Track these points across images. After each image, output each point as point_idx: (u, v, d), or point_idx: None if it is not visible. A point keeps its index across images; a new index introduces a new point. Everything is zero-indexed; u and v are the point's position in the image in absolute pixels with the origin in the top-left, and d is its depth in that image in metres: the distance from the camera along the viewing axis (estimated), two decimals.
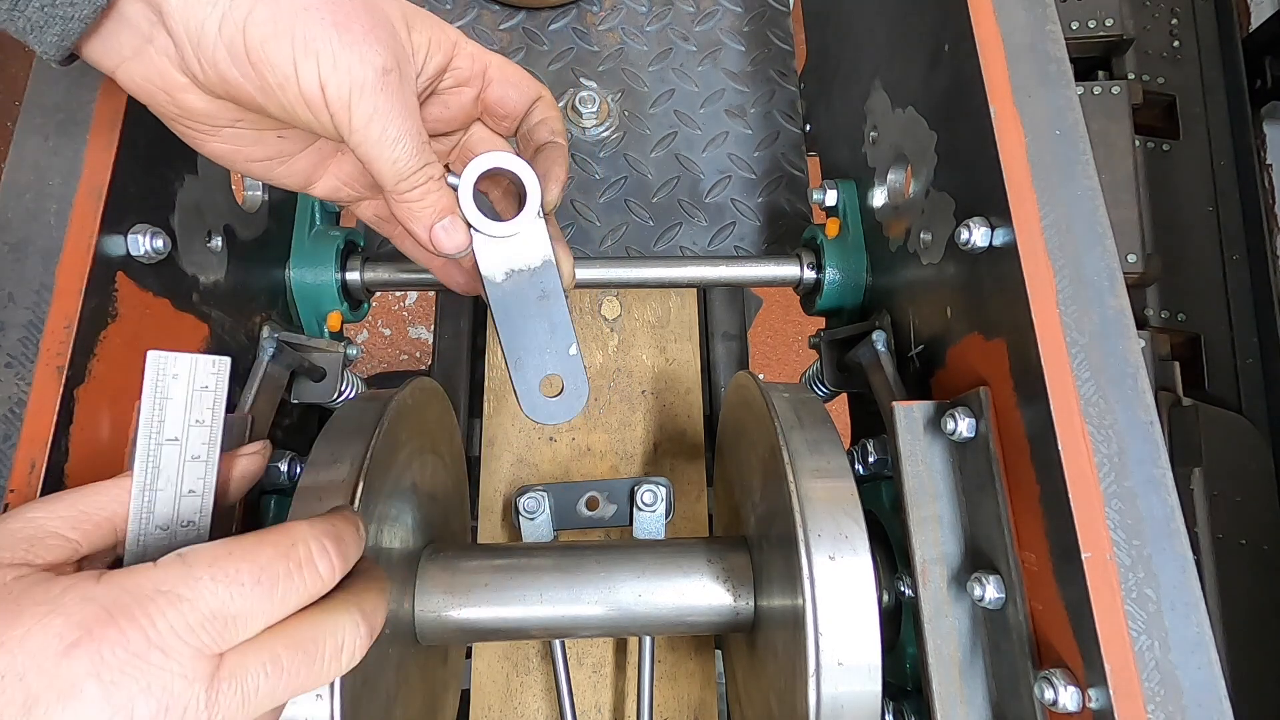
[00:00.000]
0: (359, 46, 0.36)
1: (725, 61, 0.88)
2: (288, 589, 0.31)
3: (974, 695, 0.44)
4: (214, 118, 0.40)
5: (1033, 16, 0.49)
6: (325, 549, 0.33)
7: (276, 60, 0.35)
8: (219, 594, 0.29)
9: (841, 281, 0.68)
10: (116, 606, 0.28)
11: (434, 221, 0.42)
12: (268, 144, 0.43)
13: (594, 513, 0.69)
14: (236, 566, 0.30)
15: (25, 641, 0.27)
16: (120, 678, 0.27)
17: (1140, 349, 0.42)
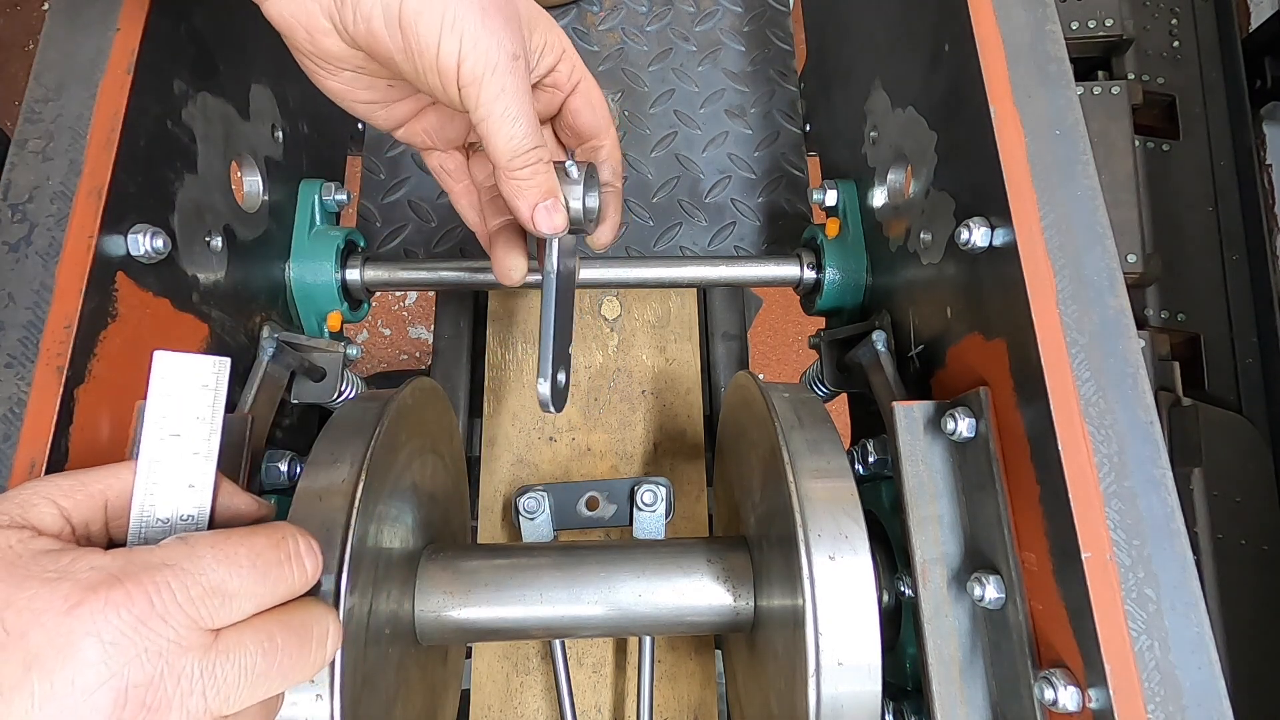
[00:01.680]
0: (497, 33, 0.41)
1: (725, 61, 0.88)
2: (279, 576, 0.33)
3: (974, 695, 0.44)
4: (342, 61, 0.44)
5: (1033, 16, 0.49)
6: (311, 547, 0.35)
7: (424, 31, 0.40)
8: (219, 571, 0.30)
9: (841, 281, 0.68)
10: (123, 574, 0.29)
11: (539, 201, 0.45)
12: (377, 90, 0.47)
13: (594, 513, 0.69)
14: (235, 549, 0.31)
15: (32, 602, 0.27)
16: (120, 640, 0.28)
17: (1140, 349, 0.42)
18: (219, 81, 0.59)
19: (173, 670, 0.29)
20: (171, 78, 0.53)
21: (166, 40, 0.52)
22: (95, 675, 0.27)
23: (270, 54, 0.66)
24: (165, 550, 0.30)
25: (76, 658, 0.27)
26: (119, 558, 0.29)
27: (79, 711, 0.27)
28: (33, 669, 0.27)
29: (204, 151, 0.56)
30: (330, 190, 0.71)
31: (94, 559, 0.29)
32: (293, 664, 0.33)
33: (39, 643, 0.27)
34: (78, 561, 0.29)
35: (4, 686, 0.27)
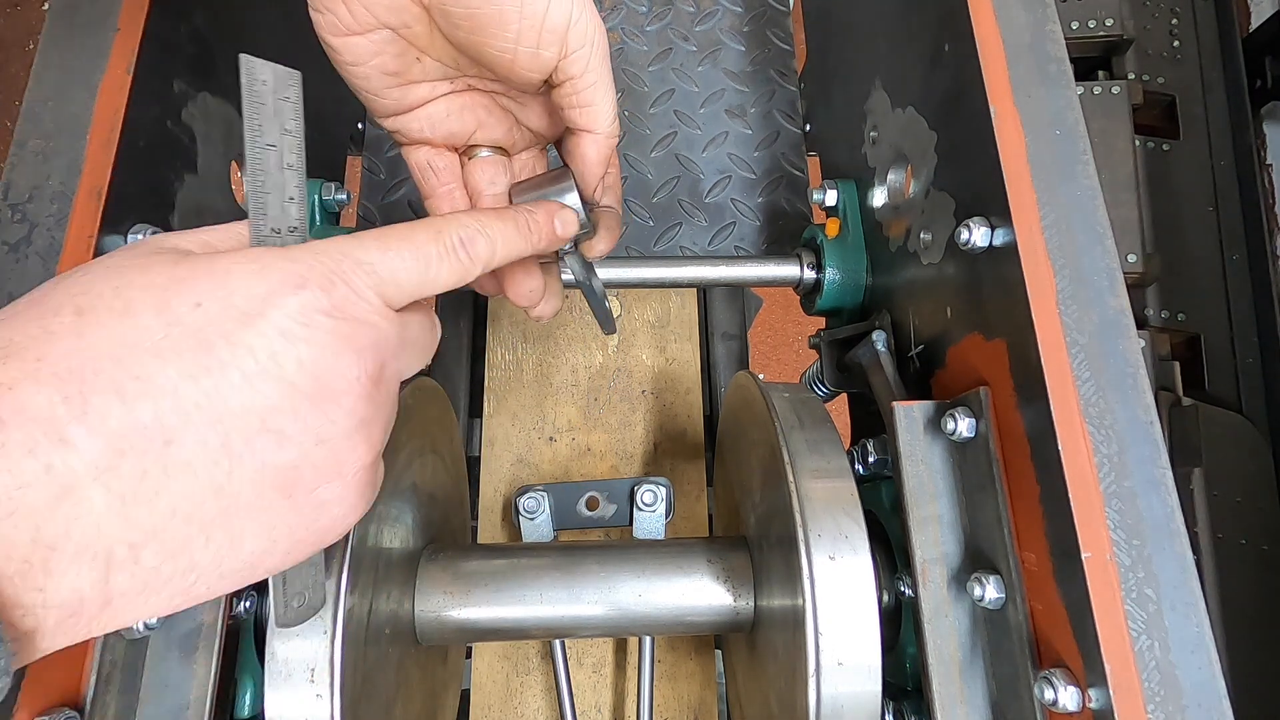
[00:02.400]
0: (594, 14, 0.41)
1: (725, 61, 0.88)
2: (440, 268, 0.35)
3: (974, 695, 0.44)
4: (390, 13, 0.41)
5: (1033, 16, 0.49)
6: (471, 238, 0.37)
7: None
8: (385, 259, 0.32)
9: (841, 281, 0.68)
10: (318, 263, 0.30)
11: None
12: (404, 61, 0.44)
13: (594, 513, 0.69)
14: (395, 242, 0.33)
15: (253, 287, 0.28)
16: (341, 312, 0.30)
17: (1140, 349, 0.42)
18: (219, 81, 0.59)
19: (383, 339, 0.31)
20: (171, 78, 0.53)
21: (166, 40, 0.52)
22: (337, 342, 0.29)
23: (270, 54, 0.66)
24: (337, 244, 0.32)
25: (318, 327, 0.29)
26: (304, 251, 0.30)
27: (337, 370, 0.29)
28: (289, 338, 0.28)
29: (204, 151, 0.56)
30: (330, 190, 0.71)
31: (278, 253, 0.30)
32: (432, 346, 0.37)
33: (281, 319, 0.28)
34: (266, 255, 0.30)
35: (268, 352, 0.28)
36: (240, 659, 0.49)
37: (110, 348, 0.26)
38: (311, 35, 0.41)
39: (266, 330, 0.28)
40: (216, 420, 0.27)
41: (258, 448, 0.28)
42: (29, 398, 0.24)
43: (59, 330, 0.26)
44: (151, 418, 0.25)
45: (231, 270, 0.29)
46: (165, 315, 0.27)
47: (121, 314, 0.26)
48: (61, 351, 0.25)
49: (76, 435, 0.24)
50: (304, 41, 0.49)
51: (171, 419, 0.26)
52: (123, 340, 0.26)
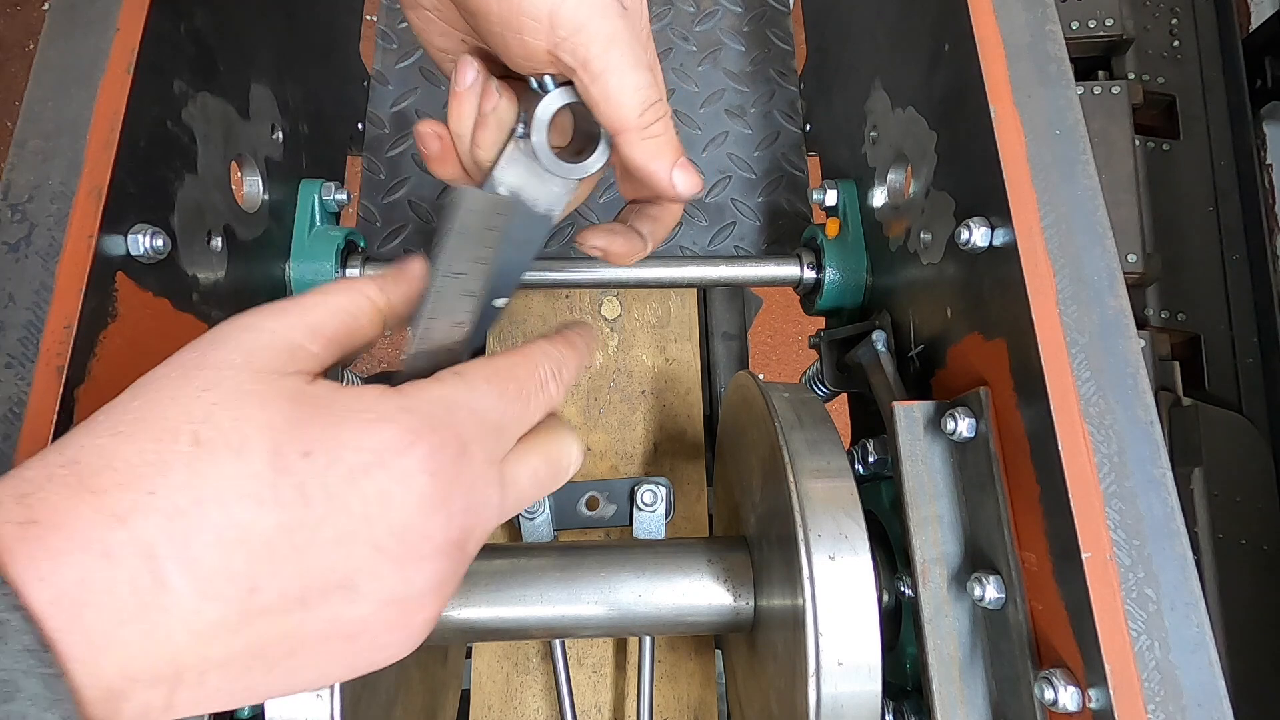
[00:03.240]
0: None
1: (725, 61, 0.88)
2: (537, 404, 0.34)
3: (974, 695, 0.44)
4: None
5: (1033, 16, 0.49)
6: (558, 370, 0.36)
7: None
8: (497, 407, 0.32)
9: (841, 281, 0.68)
10: (432, 417, 0.30)
11: (676, 159, 0.40)
12: (451, 40, 0.43)
13: (594, 513, 0.69)
14: (504, 384, 0.33)
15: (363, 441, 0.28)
16: (445, 475, 0.30)
17: (1140, 349, 0.42)
18: (219, 81, 0.59)
19: (484, 503, 0.32)
20: (171, 78, 0.53)
21: (166, 40, 0.52)
22: (431, 504, 0.29)
23: (270, 54, 0.66)
24: (447, 388, 0.31)
25: (416, 489, 0.29)
26: (418, 399, 0.30)
27: (424, 533, 0.29)
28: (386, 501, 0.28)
29: (204, 151, 0.56)
30: (330, 190, 0.71)
31: (394, 399, 0.30)
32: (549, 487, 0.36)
33: (384, 479, 0.28)
34: (382, 402, 0.30)
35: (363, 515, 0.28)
36: None
37: (218, 490, 0.26)
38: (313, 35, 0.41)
39: (367, 491, 0.28)
40: (300, 574, 0.27)
41: (333, 600, 0.28)
42: (138, 533, 0.25)
43: (174, 462, 0.26)
44: (242, 567, 0.26)
45: (346, 420, 0.29)
46: (275, 462, 0.27)
47: (236, 453, 0.27)
48: (174, 486, 0.26)
49: (173, 577, 0.25)
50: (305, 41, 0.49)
51: (261, 569, 0.27)
52: (232, 483, 0.27)
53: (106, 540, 0.25)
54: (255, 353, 0.30)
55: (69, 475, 0.25)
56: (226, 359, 0.29)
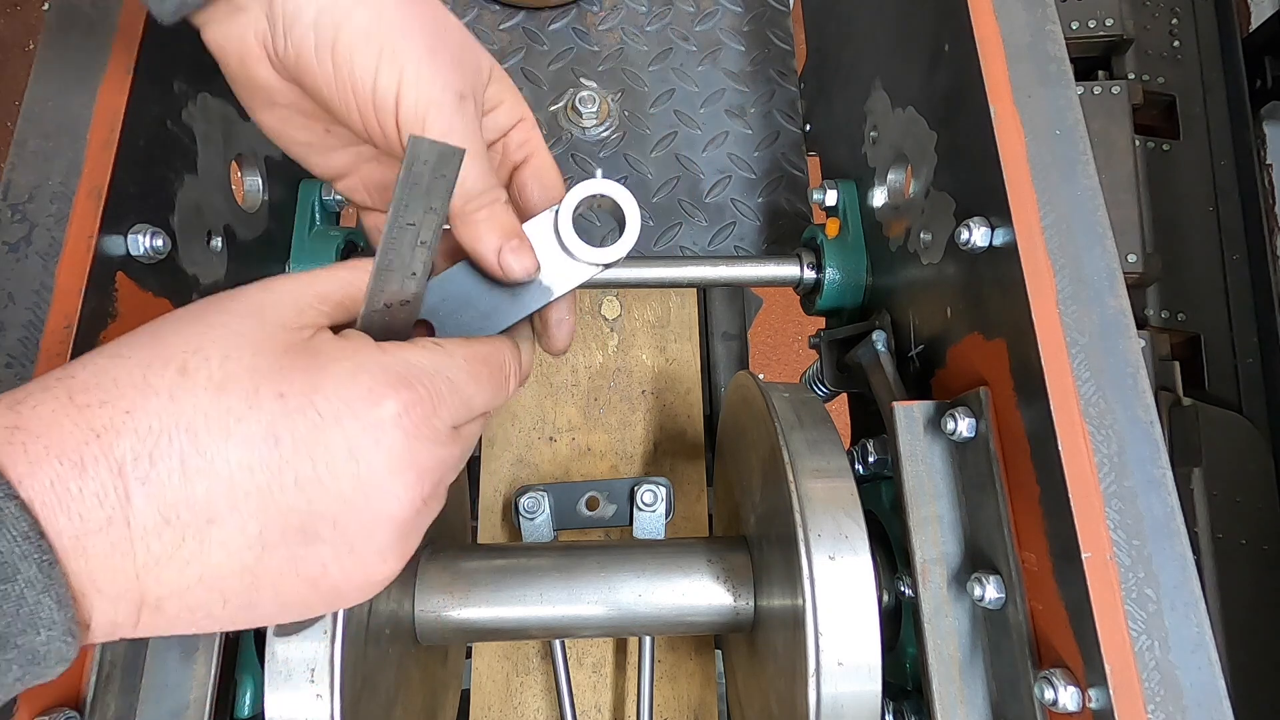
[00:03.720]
0: (443, 72, 0.38)
1: (725, 61, 0.88)
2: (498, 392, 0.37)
3: (974, 695, 0.44)
4: (274, 94, 0.41)
5: (1033, 16, 0.49)
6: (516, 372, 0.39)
7: (360, 63, 0.37)
8: (470, 387, 0.34)
9: (841, 281, 0.68)
10: (410, 377, 0.31)
11: (501, 243, 0.41)
12: (313, 133, 0.44)
13: (594, 513, 0.69)
14: (479, 368, 0.35)
15: (339, 391, 0.30)
16: (416, 431, 0.31)
17: (1140, 349, 0.42)
18: (219, 81, 0.58)
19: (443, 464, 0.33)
20: (171, 78, 0.53)
21: (166, 40, 0.52)
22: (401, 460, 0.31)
23: None
24: (431, 356, 0.33)
25: (386, 443, 0.30)
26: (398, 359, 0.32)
27: (391, 490, 0.31)
28: (353, 452, 0.30)
29: (204, 151, 0.56)
30: (330, 190, 0.71)
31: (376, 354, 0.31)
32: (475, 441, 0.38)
33: (353, 430, 0.30)
34: (361, 353, 0.31)
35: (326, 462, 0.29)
36: (240, 659, 0.49)
37: (191, 419, 0.28)
38: None
39: (334, 439, 0.29)
40: (259, 512, 0.28)
41: (291, 542, 0.29)
42: (110, 449, 0.27)
43: (157, 386, 0.28)
44: (202, 495, 0.28)
45: (326, 367, 0.30)
46: (250, 399, 0.29)
47: (217, 388, 0.28)
48: (150, 409, 0.27)
49: (137, 496, 0.27)
50: None
51: (220, 502, 0.28)
52: (205, 414, 0.28)
53: (81, 452, 0.26)
54: (266, 307, 0.32)
55: (60, 388, 0.27)
56: (237, 308, 0.31)
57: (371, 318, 0.36)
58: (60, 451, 0.26)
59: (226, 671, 0.46)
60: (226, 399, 0.28)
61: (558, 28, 0.88)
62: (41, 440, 0.26)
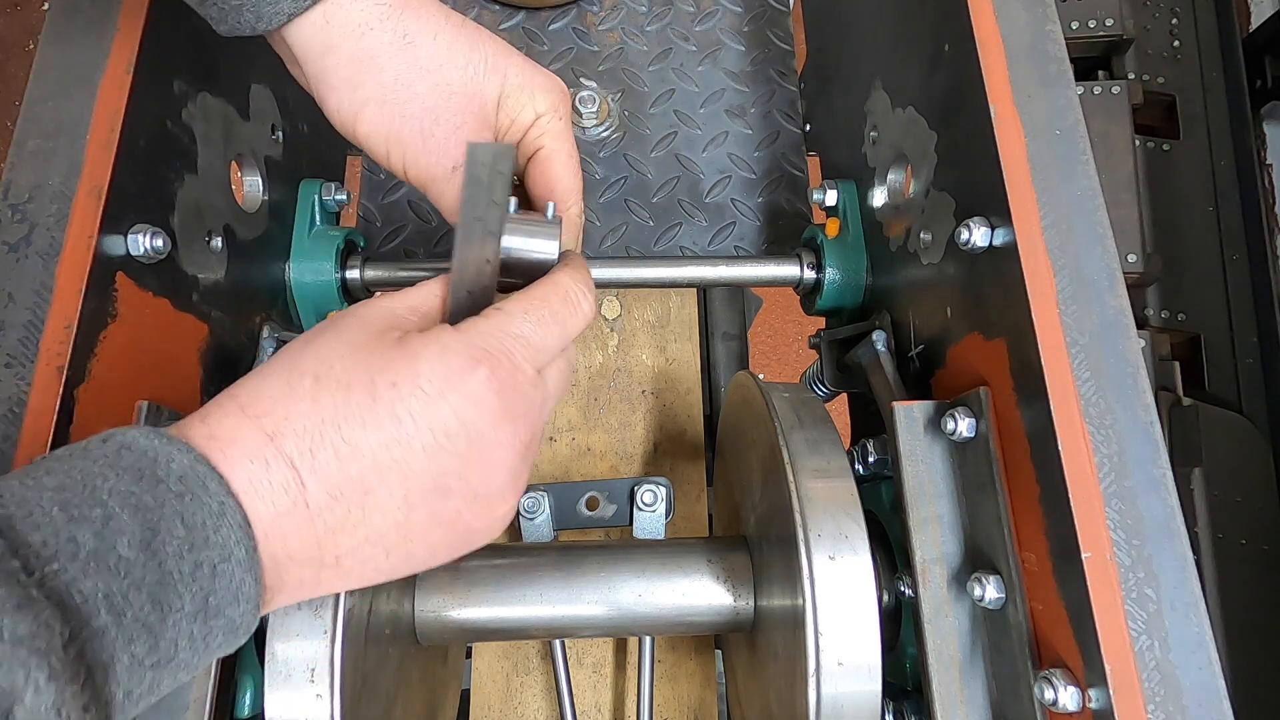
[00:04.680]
0: (436, 152, 0.46)
1: (725, 61, 0.88)
2: (574, 322, 0.41)
3: (974, 695, 0.44)
4: None
5: (1033, 16, 0.49)
6: (586, 290, 0.42)
7: (373, 146, 0.46)
8: (536, 334, 0.39)
9: (841, 281, 0.68)
10: (487, 346, 0.37)
11: None
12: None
13: (594, 513, 0.69)
14: (539, 311, 0.39)
15: (436, 370, 0.35)
16: (503, 388, 0.36)
17: (1140, 349, 0.42)
18: (219, 81, 0.59)
19: (534, 408, 0.38)
20: (171, 78, 0.53)
21: (166, 40, 0.52)
22: (498, 415, 0.36)
23: (270, 54, 0.66)
24: (492, 320, 0.38)
25: (483, 405, 0.36)
26: (473, 333, 0.37)
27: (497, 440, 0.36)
28: (460, 417, 0.35)
29: (204, 151, 0.56)
30: (330, 190, 0.71)
31: (452, 335, 0.36)
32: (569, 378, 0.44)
33: (455, 400, 0.35)
34: (442, 337, 0.36)
35: (442, 430, 0.35)
36: (240, 659, 0.49)
37: (333, 415, 0.34)
38: None
39: (443, 410, 0.35)
40: (401, 479, 0.35)
41: (430, 499, 0.36)
42: (282, 447, 0.33)
43: (301, 392, 0.34)
44: (356, 474, 0.34)
45: (420, 354, 0.36)
46: (371, 392, 0.34)
47: (346, 388, 0.34)
48: (301, 412, 0.34)
49: (310, 481, 0.33)
50: None
51: (370, 476, 0.34)
52: (342, 411, 0.34)
53: (264, 452, 0.33)
54: (366, 320, 0.38)
55: (231, 404, 0.34)
56: (349, 324, 0.37)
57: (459, 305, 0.41)
58: (249, 454, 0.32)
59: (226, 671, 0.46)
60: (354, 395, 0.34)
61: (558, 28, 0.88)
62: (235, 446, 0.32)
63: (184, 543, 0.30)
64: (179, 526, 0.30)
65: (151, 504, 0.30)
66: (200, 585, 0.30)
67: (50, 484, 0.29)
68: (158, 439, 0.32)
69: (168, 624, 0.29)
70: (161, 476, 0.31)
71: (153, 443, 0.31)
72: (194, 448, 0.32)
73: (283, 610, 0.40)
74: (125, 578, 0.28)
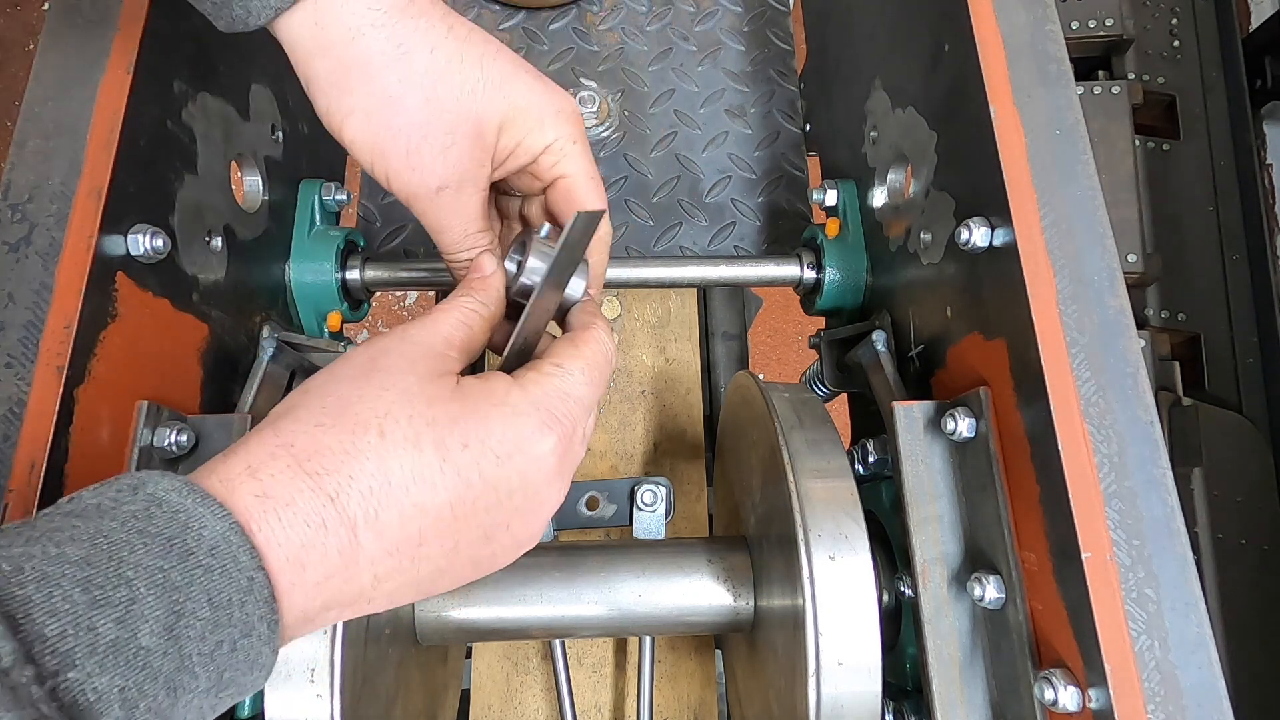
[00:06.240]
0: (420, 170, 0.45)
1: (725, 61, 0.88)
2: (606, 381, 0.43)
3: (974, 695, 0.44)
4: None
5: (1033, 16, 0.49)
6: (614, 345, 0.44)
7: (358, 154, 0.45)
8: (590, 394, 0.40)
9: (841, 281, 0.68)
10: (554, 410, 0.38)
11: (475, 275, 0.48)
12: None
13: (594, 513, 0.69)
14: (593, 372, 0.41)
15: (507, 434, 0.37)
16: (564, 452, 0.39)
17: (1140, 349, 0.42)
18: (219, 81, 0.59)
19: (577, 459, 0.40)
20: (171, 78, 0.53)
21: (166, 40, 0.52)
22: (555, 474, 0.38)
23: (270, 54, 0.66)
24: (558, 380, 0.39)
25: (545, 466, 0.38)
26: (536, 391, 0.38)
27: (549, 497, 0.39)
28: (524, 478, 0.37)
29: (204, 151, 0.56)
30: (330, 190, 0.71)
31: (520, 394, 0.38)
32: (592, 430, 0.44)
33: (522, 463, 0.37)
34: (511, 395, 0.38)
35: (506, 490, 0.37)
36: None
37: (401, 479, 0.34)
38: None
39: (511, 474, 0.36)
40: (456, 533, 0.36)
41: (475, 546, 0.37)
42: (343, 509, 0.33)
43: (365, 450, 0.34)
44: (415, 532, 0.35)
45: (490, 415, 0.37)
46: (440, 452, 0.35)
47: (413, 446, 0.35)
48: (367, 471, 0.34)
49: (367, 540, 0.33)
50: None
51: (430, 532, 0.35)
52: (411, 472, 0.34)
53: (323, 514, 0.32)
54: (416, 361, 0.38)
55: (288, 458, 0.33)
56: (395, 364, 0.37)
57: (514, 352, 0.42)
58: (307, 517, 0.32)
59: None
60: (423, 455, 0.35)
61: (558, 28, 0.88)
62: (291, 509, 0.32)
63: (208, 624, 0.29)
64: (205, 607, 0.29)
65: (179, 582, 0.28)
66: (218, 664, 0.29)
67: (74, 555, 0.27)
68: (191, 496, 0.30)
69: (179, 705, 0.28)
70: (192, 548, 0.29)
71: (185, 501, 0.30)
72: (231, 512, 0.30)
73: None
74: (144, 670, 0.27)
